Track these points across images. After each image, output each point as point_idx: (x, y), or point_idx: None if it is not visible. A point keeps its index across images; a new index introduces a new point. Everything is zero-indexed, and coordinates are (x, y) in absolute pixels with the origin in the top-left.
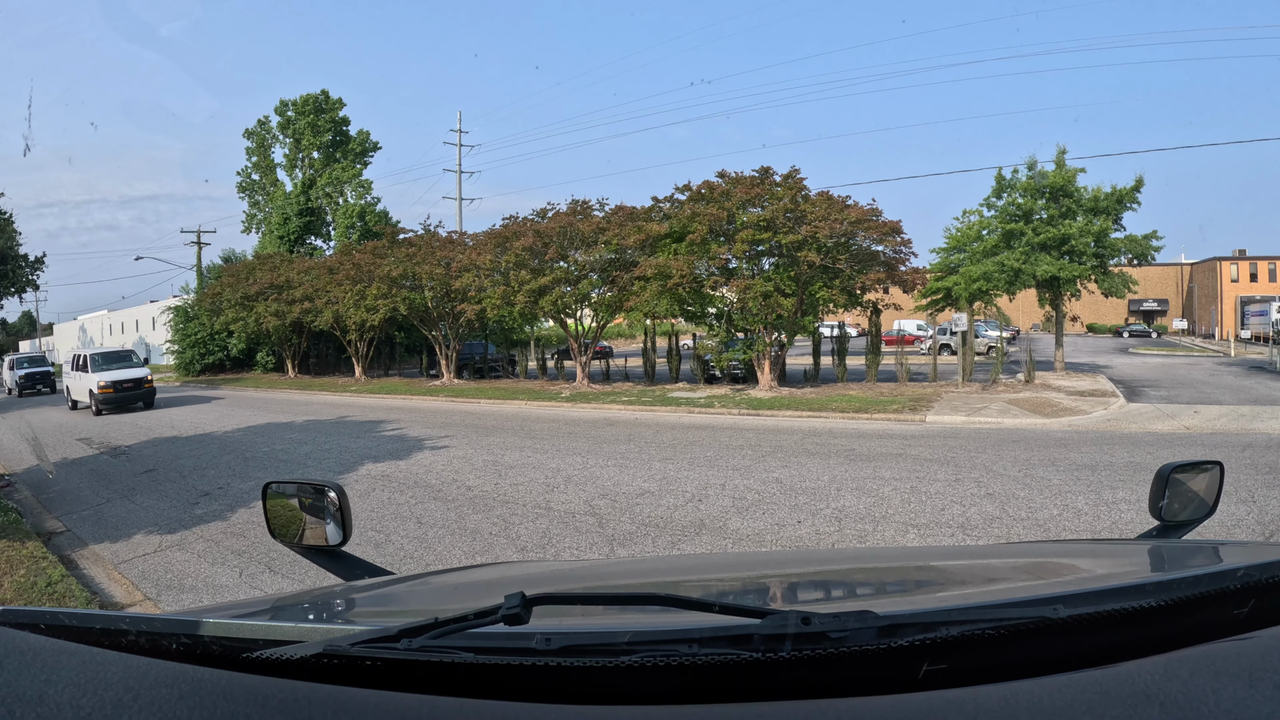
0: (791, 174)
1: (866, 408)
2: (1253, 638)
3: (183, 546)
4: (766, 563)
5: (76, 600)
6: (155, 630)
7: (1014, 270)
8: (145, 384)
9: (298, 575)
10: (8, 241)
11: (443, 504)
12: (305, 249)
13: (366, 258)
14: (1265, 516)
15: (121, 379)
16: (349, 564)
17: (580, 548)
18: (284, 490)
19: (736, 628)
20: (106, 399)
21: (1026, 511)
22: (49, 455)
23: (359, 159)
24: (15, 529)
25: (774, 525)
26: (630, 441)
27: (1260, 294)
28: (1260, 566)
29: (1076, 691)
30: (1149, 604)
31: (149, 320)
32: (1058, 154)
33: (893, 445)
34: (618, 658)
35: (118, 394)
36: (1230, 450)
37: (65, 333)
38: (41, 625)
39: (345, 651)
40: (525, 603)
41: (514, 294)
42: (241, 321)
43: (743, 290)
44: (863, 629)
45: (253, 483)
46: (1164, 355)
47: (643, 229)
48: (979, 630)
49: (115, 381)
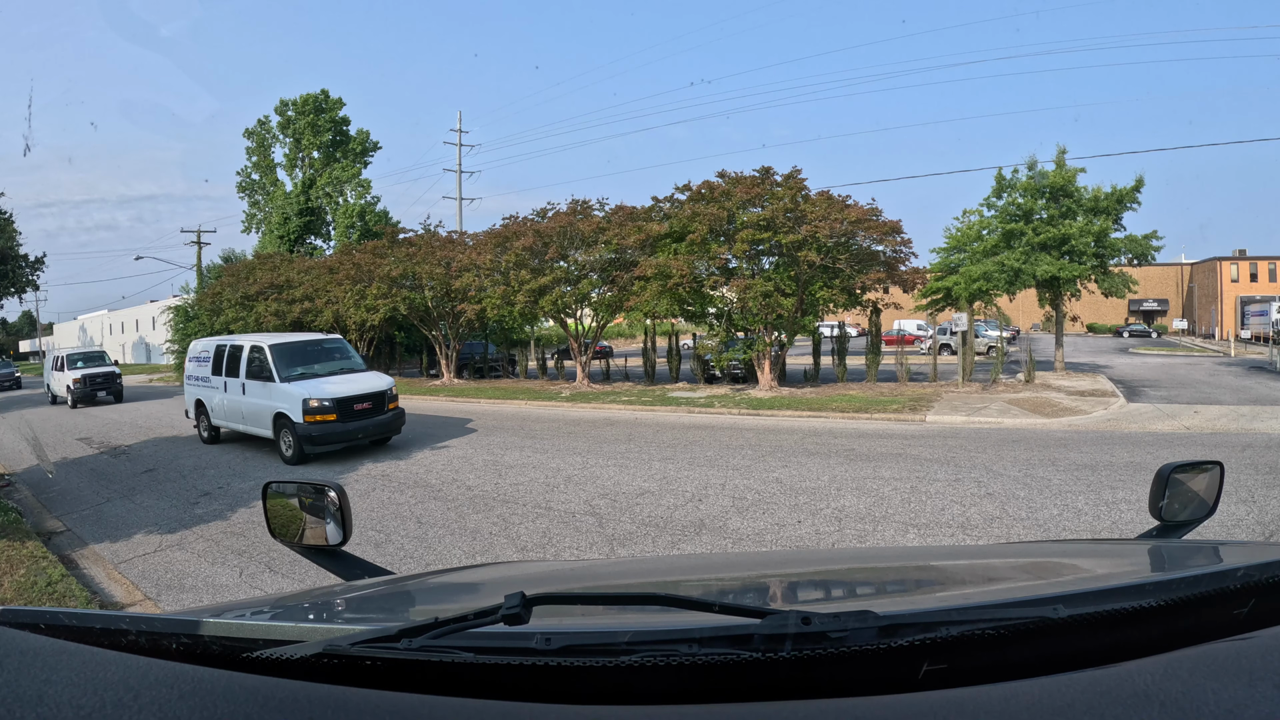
0: (792, 174)
1: (866, 407)
2: (1253, 638)
3: (183, 546)
4: (766, 563)
5: (76, 600)
6: (155, 630)
7: (1014, 270)
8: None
9: (298, 575)
10: (8, 241)
11: (443, 504)
12: (305, 249)
13: (366, 257)
14: (1265, 516)
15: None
16: (349, 564)
17: (580, 548)
18: (284, 490)
19: (736, 628)
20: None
21: (1026, 511)
22: (49, 455)
23: (359, 159)
24: (15, 529)
25: (774, 525)
26: (630, 441)
27: (1260, 294)
28: (1260, 566)
29: (1076, 691)
30: (1149, 604)
31: (149, 320)
32: (1058, 154)
33: (893, 445)
34: (618, 658)
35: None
36: (1230, 450)
37: (65, 333)
38: (41, 625)
39: (345, 651)
40: (525, 603)
41: (514, 294)
42: (241, 321)
43: (743, 290)
44: (863, 629)
45: (252, 482)
46: (1164, 355)
47: (643, 229)
48: (979, 630)
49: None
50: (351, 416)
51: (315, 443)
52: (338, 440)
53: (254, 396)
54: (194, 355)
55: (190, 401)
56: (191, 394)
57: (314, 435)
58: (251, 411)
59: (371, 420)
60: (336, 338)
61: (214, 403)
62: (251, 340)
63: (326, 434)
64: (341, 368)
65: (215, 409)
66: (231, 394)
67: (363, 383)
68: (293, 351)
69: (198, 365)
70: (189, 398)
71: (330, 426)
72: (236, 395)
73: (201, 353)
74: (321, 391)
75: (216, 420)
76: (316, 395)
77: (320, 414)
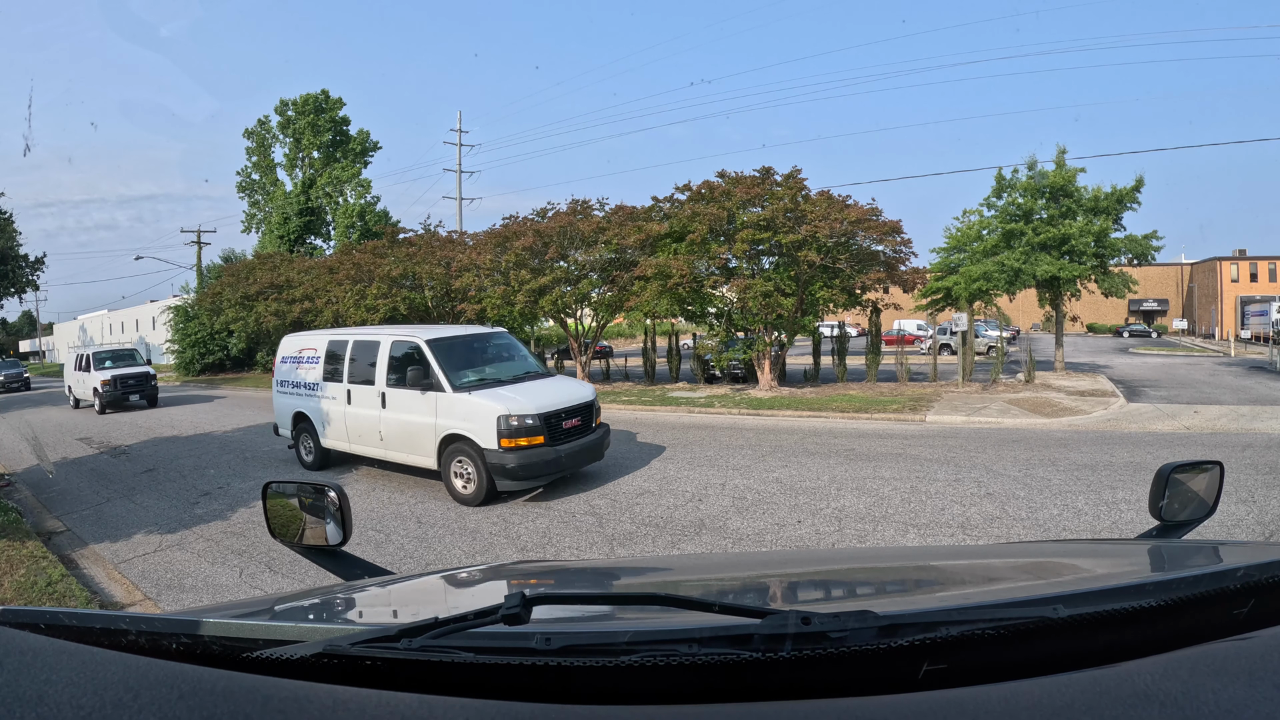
0: (792, 174)
1: (866, 407)
2: (1253, 638)
3: (183, 546)
4: (766, 563)
5: (76, 600)
6: (155, 630)
7: (1014, 270)
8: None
9: (298, 575)
10: (8, 241)
11: (442, 504)
12: (305, 249)
13: (366, 257)
14: (1265, 516)
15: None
16: (349, 564)
17: (580, 548)
18: (284, 490)
19: (736, 628)
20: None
21: (1026, 511)
22: (49, 455)
23: (359, 159)
24: (15, 529)
25: (774, 525)
26: (630, 441)
27: (1260, 294)
28: (1260, 566)
29: (1076, 691)
30: (1149, 604)
31: (149, 320)
32: (1058, 154)
33: (893, 445)
34: (618, 658)
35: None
36: (1230, 450)
37: (65, 333)
38: (41, 625)
39: (345, 651)
40: (525, 602)
41: (514, 294)
42: (241, 321)
43: (743, 290)
44: (863, 629)
45: (253, 482)
46: (1164, 355)
47: (643, 229)
48: (979, 630)
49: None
50: (560, 438)
51: (516, 476)
52: (544, 473)
53: (403, 411)
54: (288, 354)
55: (284, 415)
56: (287, 405)
57: (513, 466)
58: (399, 432)
59: (581, 442)
60: (501, 331)
61: (328, 417)
62: (393, 334)
63: (531, 464)
64: (520, 371)
65: (331, 426)
66: (361, 407)
67: (563, 391)
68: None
69: (296, 367)
70: (282, 409)
71: (536, 453)
72: (370, 409)
73: (302, 351)
74: (519, 404)
75: (331, 441)
76: (517, 409)
77: (523, 436)
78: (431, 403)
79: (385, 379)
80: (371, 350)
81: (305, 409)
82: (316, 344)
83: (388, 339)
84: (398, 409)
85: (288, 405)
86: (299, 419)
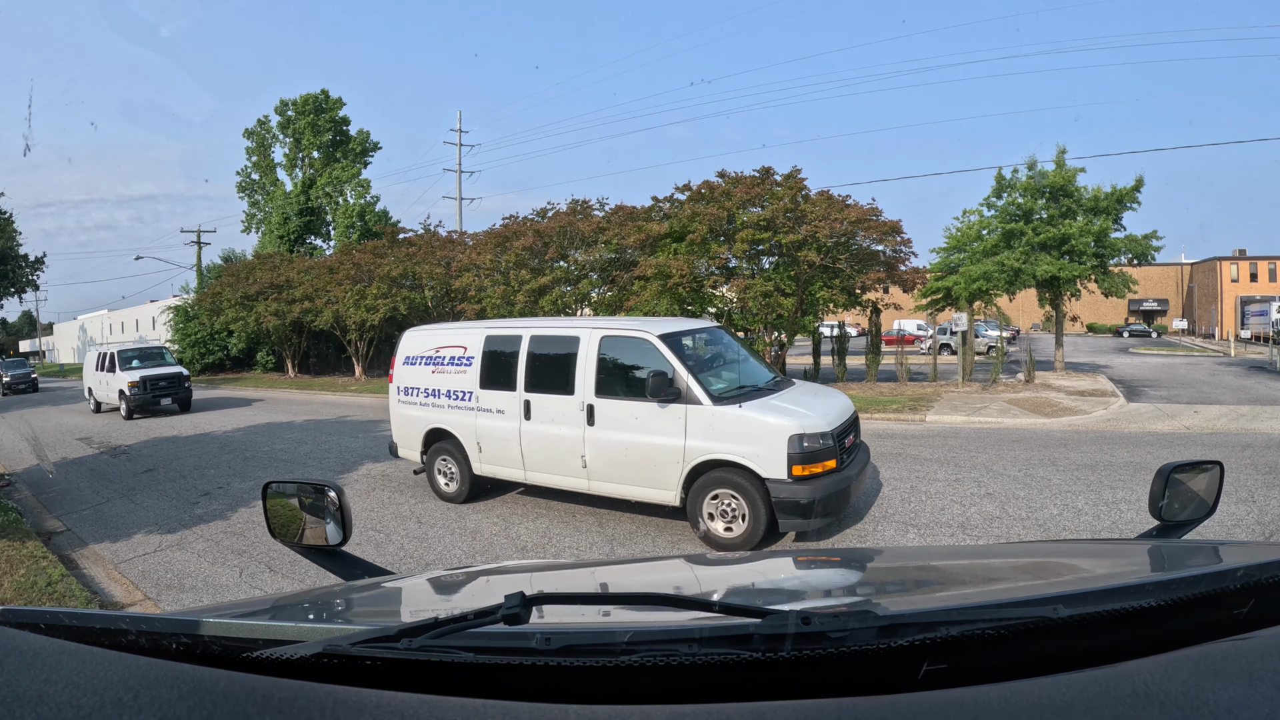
0: (792, 174)
1: (866, 407)
2: (1253, 638)
3: (183, 546)
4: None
5: (76, 600)
6: (155, 630)
7: (1014, 270)
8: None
9: (298, 575)
10: (8, 241)
11: (442, 504)
12: (305, 249)
13: (366, 257)
14: (1265, 516)
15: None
16: (349, 564)
17: (580, 548)
18: (284, 490)
19: (736, 627)
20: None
21: (1026, 511)
22: (49, 455)
23: (359, 159)
24: (15, 528)
25: None
26: None
27: (1260, 294)
28: (1260, 566)
29: (1076, 691)
30: (1149, 604)
31: (149, 320)
32: (1058, 154)
33: (893, 445)
34: (618, 658)
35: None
36: (1230, 450)
37: (65, 332)
38: (41, 625)
39: (345, 651)
40: (525, 602)
41: (514, 293)
42: (241, 321)
43: (743, 290)
44: (863, 629)
45: (253, 482)
46: (1164, 355)
47: (643, 229)
48: (979, 630)
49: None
50: (844, 458)
51: (810, 513)
52: (840, 508)
53: (625, 429)
54: (417, 353)
55: (409, 432)
56: (415, 420)
57: (807, 501)
58: (617, 458)
59: (859, 462)
60: (714, 325)
61: (489, 436)
62: (602, 327)
63: (829, 496)
64: (764, 376)
65: (493, 447)
66: (547, 423)
67: (833, 400)
68: (696, 346)
69: (432, 371)
70: (408, 424)
71: (832, 482)
72: (564, 426)
73: (440, 349)
74: (809, 420)
75: (491, 466)
76: (810, 426)
77: (819, 460)
78: (677, 419)
79: (594, 387)
80: (566, 349)
81: (448, 425)
82: (467, 341)
83: (592, 333)
84: (615, 426)
85: (417, 420)
86: (435, 437)
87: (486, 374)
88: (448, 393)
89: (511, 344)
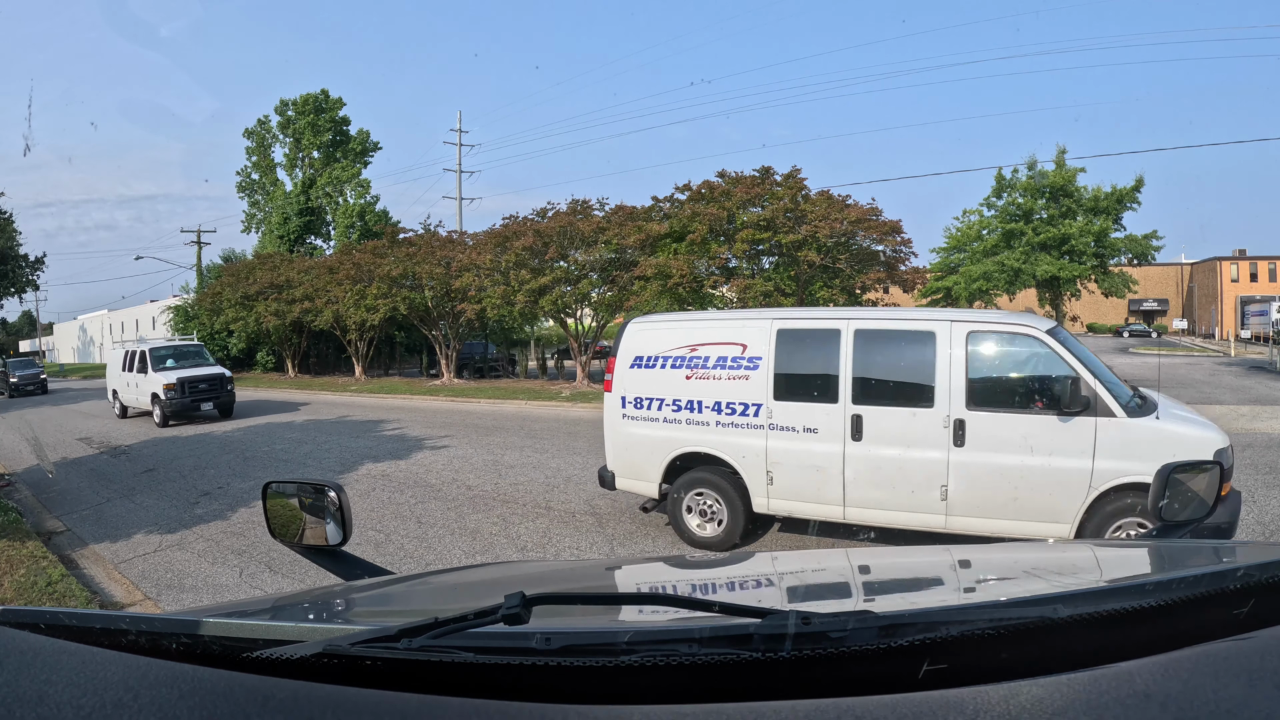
0: (792, 174)
1: None
2: (1253, 638)
3: (183, 546)
4: (766, 563)
5: (76, 600)
6: (155, 630)
7: (1014, 270)
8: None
9: (298, 575)
10: (8, 241)
11: (443, 504)
12: (305, 249)
13: (366, 257)
14: (1265, 516)
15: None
16: (349, 564)
17: (580, 548)
18: (284, 490)
19: (736, 628)
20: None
21: None
22: (49, 455)
23: (359, 159)
24: (15, 529)
25: (773, 524)
26: None
27: (1260, 294)
28: (1260, 566)
29: (1076, 691)
30: (1149, 604)
31: (149, 320)
32: (1058, 154)
33: None
34: (618, 658)
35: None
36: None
37: (65, 332)
38: (41, 625)
39: (345, 651)
40: (525, 603)
41: (514, 294)
42: (241, 321)
43: (743, 290)
44: (863, 629)
45: (253, 482)
46: (1164, 355)
47: (643, 229)
48: (979, 630)
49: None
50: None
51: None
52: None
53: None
54: (657, 353)
55: (644, 455)
56: (658, 441)
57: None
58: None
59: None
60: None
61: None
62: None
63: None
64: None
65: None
66: (888, 445)
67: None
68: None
69: (686, 377)
70: (641, 446)
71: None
72: (919, 448)
73: (701, 348)
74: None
75: (788, 501)
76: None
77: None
78: (1082, 436)
79: (964, 397)
80: (915, 348)
81: (713, 448)
82: (745, 335)
83: (953, 327)
84: (994, 447)
85: (657, 441)
86: (687, 464)
87: (782, 381)
88: (715, 405)
89: (822, 341)
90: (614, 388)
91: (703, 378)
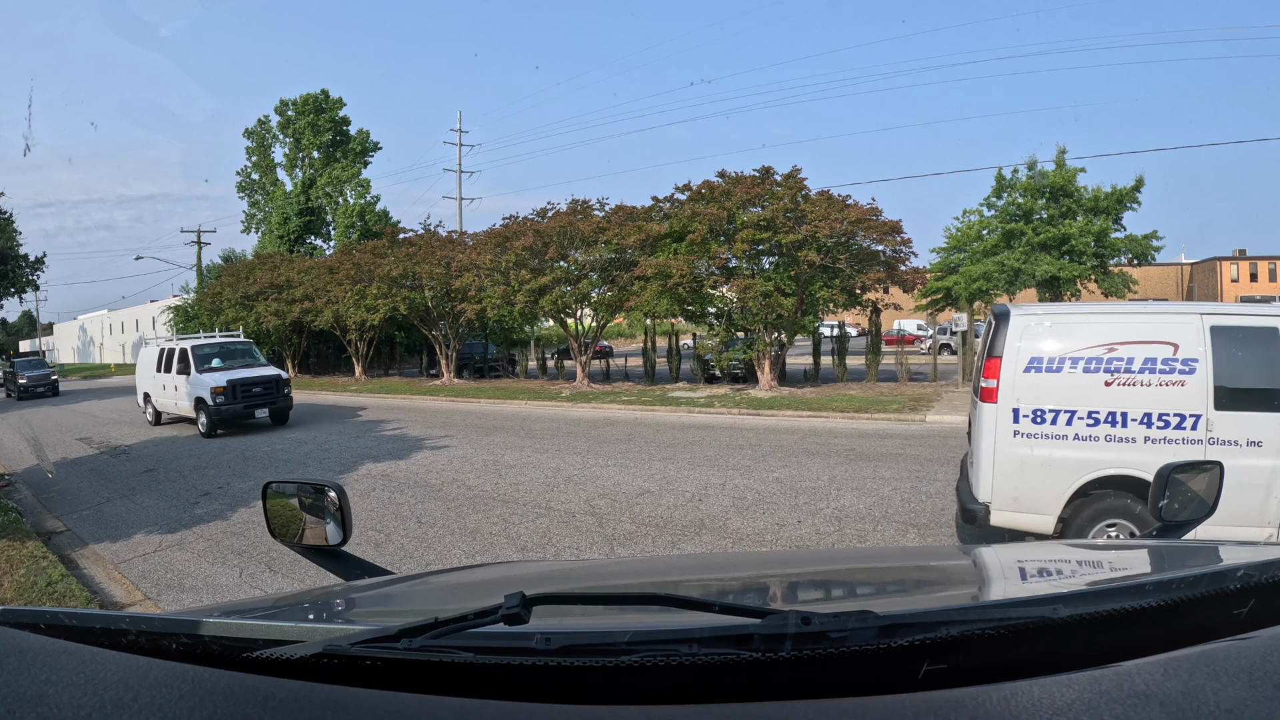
0: (792, 174)
1: (866, 407)
2: (1253, 638)
3: (183, 546)
4: (766, 563)
5: (76, 600)
6: (155, 630)
7: (1014, 270)
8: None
9: (298, 575)
10: (8, 241)
11: (443, 504)
12: (305, 249)
13: (366, 257)
14: (1265, 516)
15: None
16: (349, 564)
17: (580, 548)
18: (284, 490)
19: (736, 628)
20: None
21: None
22: (49, 455)
23: (359, 159)
24: (15, 529)
25: (774, 525)
26: (630, 441)
27: (1260, 294)
28: (1260, 566)
29: (1076, 691)
30: (1149, 604)
31: (149, 320)
32: (1058, 154)
33: (893, 445)
34: (618, 658)
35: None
36: None
37: (65, 332)
38: (41, 625)
39: (345, 651)
40: (525, 603)
41: (514, 294)
42: (241, 321)
43: (743, 290)
44: (863, 629)
45: (252, 482)
46: None
47: (643, 229)
48: (979, 630)
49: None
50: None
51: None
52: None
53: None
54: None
55: (1050, 482)
56: (1068, 464)
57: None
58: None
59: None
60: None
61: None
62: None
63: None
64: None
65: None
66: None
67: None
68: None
69: (1105, 383)
70: (1042, 470)
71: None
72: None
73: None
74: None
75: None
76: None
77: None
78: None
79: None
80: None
81: (1139, 468)
82: (1171, 332)
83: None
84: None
85: (1066, 464)
86: (1099, 491)
87: (1224, 387)
88: (1144, 418)
89: (1264, 341)
90: (1001, 397)
91: (1127, 384)
